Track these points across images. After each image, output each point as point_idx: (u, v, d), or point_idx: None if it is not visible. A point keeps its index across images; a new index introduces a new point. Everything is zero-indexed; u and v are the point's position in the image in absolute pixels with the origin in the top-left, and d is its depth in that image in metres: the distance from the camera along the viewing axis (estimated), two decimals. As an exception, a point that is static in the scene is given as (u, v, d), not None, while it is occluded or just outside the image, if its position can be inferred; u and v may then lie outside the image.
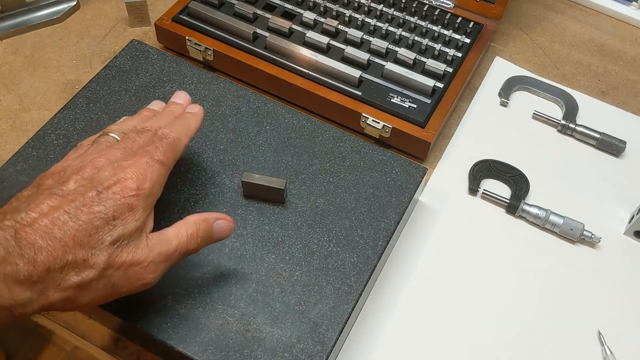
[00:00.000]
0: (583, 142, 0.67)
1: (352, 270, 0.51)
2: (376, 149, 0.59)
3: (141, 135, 0.44)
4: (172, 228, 0.43)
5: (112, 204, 0.39)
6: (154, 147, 0.43)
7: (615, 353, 0.52)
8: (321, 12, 0.71)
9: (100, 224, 0.38)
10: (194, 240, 0.43)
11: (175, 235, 0.43)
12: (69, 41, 0.73)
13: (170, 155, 0.44)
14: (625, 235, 0.61)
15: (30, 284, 0.36)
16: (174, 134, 0.45)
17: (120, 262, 0.39)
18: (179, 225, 0.43)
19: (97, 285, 0.38)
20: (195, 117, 0.49)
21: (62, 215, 0.37)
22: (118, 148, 0.43)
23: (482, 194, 0.62)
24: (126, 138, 0.44)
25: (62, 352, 0.50)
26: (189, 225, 0.44)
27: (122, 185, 0.40)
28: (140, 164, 0.41)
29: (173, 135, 0.45)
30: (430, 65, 0.66)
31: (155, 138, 0.44)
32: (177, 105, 0.50)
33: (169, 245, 0.42)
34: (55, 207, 0.37)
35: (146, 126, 0.46)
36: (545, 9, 0.82)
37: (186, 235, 0.43)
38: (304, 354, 0.47)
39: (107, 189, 0.39)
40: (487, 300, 0.55)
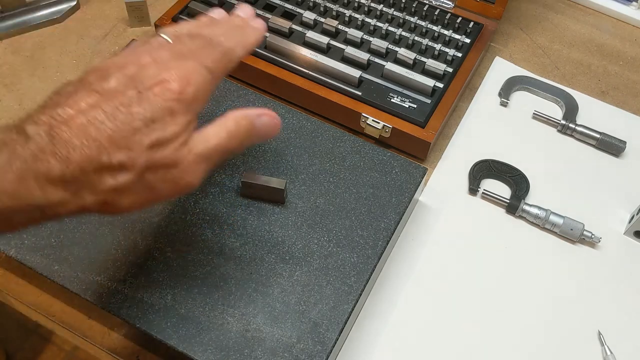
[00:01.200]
0: (583, 142, 0.67)
1: (352, 270, 0.51)
2: (376, 149, 0.59)
3: (194, 40, 0.42)
4: (212, 125, 0.41)
5: (151, 105, 0.36)
6: (205, 52, 0.40)
7: (615, 353, 0.52)
8: (321, 12, 0.71)
9: (139, 126, 0.36)
10: (235, 138, 0.41)
11: (215, 133, 0.40)
12: (69, 41, 0.73)
13: (221, 64, 0.41)
14: (625, 235, 0.61)
15: (64, 183, 0.34)
16: (229, 43, 0.42)
17: (158, 165, 0.37)
18: (218, 122, 0.41)
19: (135, 189, 0.37)
20: (255, 31, 0.46)
21: (100, 114, 0.35)
22: (167, 49, 0.40)
23: (482, 194, 0.62)
24: (178, 41, 0.41)
25: (62, 352, 0.49)
26: (229, 122, 0.41)
27: (164, 87, 0.37)
28: (186, 67, 0.39)
29: (227, 45, 0.42)
30: (430, 65, 0.66)
31: (209, 44, 0.41)
32: (238, 18, 0.47)
33: (208, 145, 0.39)
34: (93, 104, 0.35)
35: (202, 32, 0.43)
36: (545, 9, 0.81)
37: (226, 133, 0.40)
38: (304, 354, 0.47)
39: (148, 89, 0.37)
40: (487, 300, 0.55)
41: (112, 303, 0.48)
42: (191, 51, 0.40)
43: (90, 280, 0.49)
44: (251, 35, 0.46)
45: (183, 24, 0.45)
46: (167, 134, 0.37)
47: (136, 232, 0.52)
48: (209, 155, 0.39)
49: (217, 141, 0.40)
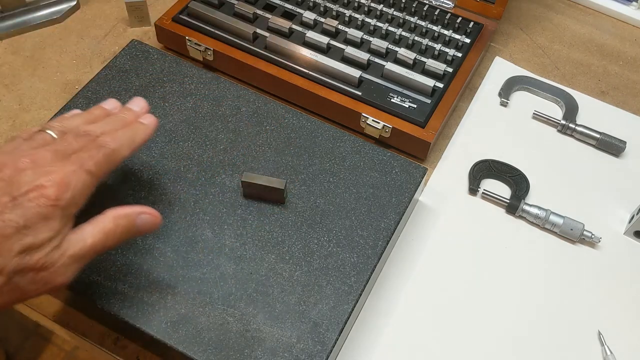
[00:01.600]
0: (583, 142, 0.67)
1: (352, 270, 0.51)
2: (376, 149, 0.59)
3: (79, 139, 0.42)
4: (89, 225, 0.41)
5: (25, 211, 0.37)
6: (87, 155, 0.41)
7: (615, 353, 0.52)
8: (321, 12, 0.71)
9: (10, 233, 0.36)
10: (111, 237, 0.41)
11: (91, 233, 0.40)
12: (69, 41, 0.73)
13: (103, 166, 0.41)
14: (625, 235, 0.61)
15: None
16: (115, 144, 0.43)
17: (28, 269, 0.37)
18: (96, 221, 0.41)
19: (2, 291, 0.37)
20: (145, 129, 0.46)
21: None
22: (49, 150, 0.40)
23: (482, 194, 0.62)
24: (63, 139, 0.42)
25: (62, 352, 0.50)
26: (107, 222, 0.41)
27: (40, 193, 0.37)
28: (65, 172, 0.39)
29: (112, 146, 0.42)
30: (430, 65, 0.66)
31: (93, 145, 0.42)
32: (129, 112, 0.48)
33: (83, 245, 0.40)
34: None
35: (88, 129, 0.43)
36: (545, 9, 0.82)
37: (103, 233, 0.41)
38: (304, 354, 0.47)
39: (23, 195, 0.37)
40: (487, 300, 0.55)
41: (112, 303, 0.48)
42: (74, 151, 0.41)
43: (90, 280, 0.49)
44: (139, 135, 0.46)
45: (73, 116, 0.46)
46: (39, 239, 0.37)
47: (136, 232, 0.52)
48: (82, 255, 0.40)
49: (93, 241, 0.40)
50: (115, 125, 0.45)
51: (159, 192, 0.55)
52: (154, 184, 0.55)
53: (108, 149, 0.42)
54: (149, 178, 0.55)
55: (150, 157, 0.57)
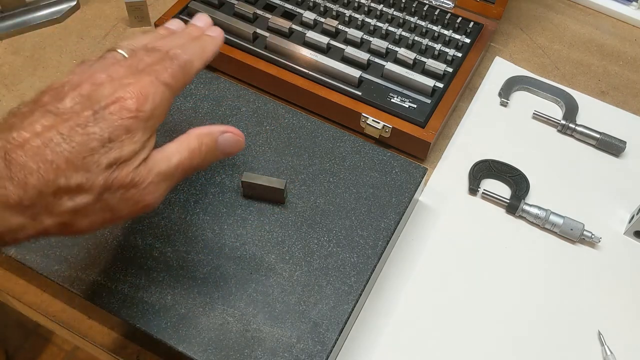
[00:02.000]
0: (583, 142, 0.67)
1: (352, 270, 0.51)
2: (376, 149, 0.59)
3: (150, 54, 0.41)
4: (174, 143, 0.40)
5: (108, 125, 0.36)
6: (162, 66, 0.40)
7: (615, 353, 0.52)
8: (321, 12, 0.71)
9: (96, 146, 0.35)
10: (197, 156, 0.41)
11: (177, 150, 0.40)
12: (69, 41, 0.73)
13: (179, 78, 0.40)
14: (625, 235, 0.61)
15: (22, 208, 0.34)
16: (187, 55, 0.42)
17: (117, 185, 0.36)
18: (180, 140, 0.41)
19: (94, 210, 0.36)
20: (214, 41, 0.46)
21: (55, 136, 0.35)
22: (123, 65, 0.40)
23: (482, 194, 0.62)
24: (134, 55, 0.41)
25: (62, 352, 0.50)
26: (191, 140, 0.41)
27: (120, 105, 0.36)
28: (142, 83, 0.38)
29: (185, 57, 0.41)
30: (430, 65, 0.66)
31: (166, 58, 0.41)
32: (196, 28, 0.47)
33: (169, 163, 0.39)
34: (48, 126, 0.35)
35: (158, 45, 0.42)
36: (545, 9, 0.82)
37: (188, 151, 0.40)
38: (304, 354, 0.47)
39: (104, 108, 0.36)
40: (487, 300, 0.55)
41: (112, 303, 0.48)
42: (147, 65, 0.40)
43: (90, 280, 0.49)
44: (209, 46, 0.45)
45: (140, 36, 0.45)
46: (125, 153, 0.36)
47: (136, 232, 0.52)
48: (170, 174, 0.39)
49: (179, 159, 0.40)
50: (183, 39, 0.44)
51: (159, 192, 0.55)
52: (154, 184, 0.55)
53: (181, 60, 0.41)
54: (149, 178, 0.55)
55: (150, 157, 0.57)
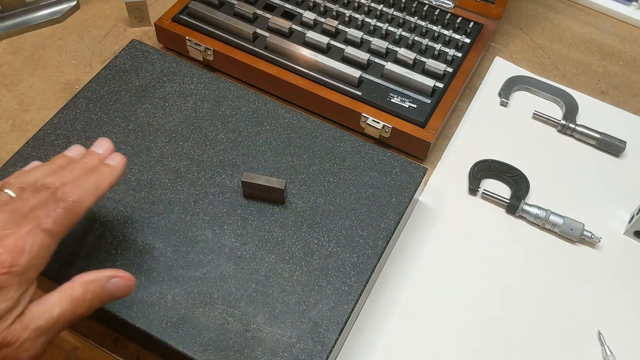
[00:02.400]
0: (583, 142, 0.67)
1: (352, 270, 0.51)
2: (376, 149, 0.59)
3: (37, 195, 0.39)
4: (56, 293, 0.38)
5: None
6: (45, 212, 0.38)
7: (615, 353, 0.52)
8: (321, 12, 0.71)
9: None
10: (81, 305, 0.38)
11: (58, 301, 0.37)
12: (69, 41, 0.73)
13: (62, 222, 0.38)
14: (625, 235, 0.61)
15: None
16: (76, 195, 0.40)
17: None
18: (63, 289, 0.38)
19: None
20: (111, 172, 0.44)
21: None
22: (5, 210, 0.38)
23: (482, 194, 0.62)
24: (20, 196, 0.39)
25: (62, 352, 0.49)
26: (75, 289, 0.38)
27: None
28: (19, 235, 0.36)
29: (73, 198, 0.39)
30: (430, 65, 0.66)
31: (51, 200, 0.39)
32: (94, 156, 0.45)
33: (49, 317, 0.37)
34: None
35: (47, 182, 0.40)
36: (545, 9, 0.82)
37: (70, 301, 0.38)
38: (304, 354, 0.47)
39: None
40: (487, 300, 0.55)
41: (112, 303, 0.48)
42: (32, 209, 0.38)
43: (90, 280, 0.49)
44: (105, 180, 0.43)
45: (33, 169, 0.43)
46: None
47: (136, 232, 0.52)
48: (49, 327, 0.37)
49: (60, 311, 0.37)
50: (77, 172, 0.42)
51: (159, 192, 0.55)
52: (154, 184, 0.55)
53: (68, 201, 0.39)
54: (149, 178, 0.55)
55: (150, 157, 0.57)
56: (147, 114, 0.60)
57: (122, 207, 0.53)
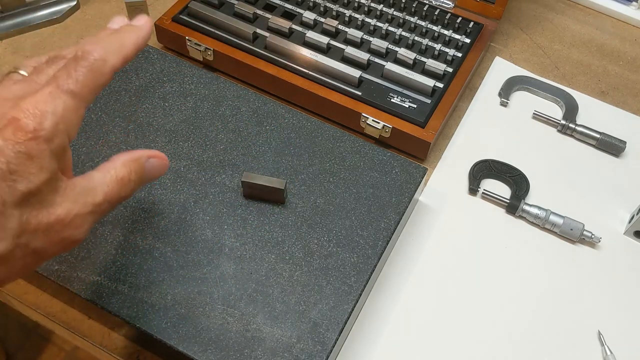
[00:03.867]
0: (583, 142, 0.67)
1: (352, 270, 0.51)
2: (376, 149, 0.59)
3: (53, 64, 0.36)
4: (98, 171, 0.35)
5: (4, 154, 0.30)
6: (65, 72, 0.33)
7: (615, 353, 0.52)
8: (321, 12, 0.71)
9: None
10: (126, 185, 0.36)
11: (103, 180, 0.35)
12: (69, 41, 0.73)
13: (87, 82, 0.33)
14: (625, 235, 0.61)
15: None
16: (97, 53, 0.34)
17: (35, 225, 0.31)
18: (106, 168, 0.36)
19: (15, 256, 0.31)
20: (136, 31, 0.38)
21: None
22: (21, 83, 0.34)
23: (482, 194, 0.62)
24: (35, 71, 0.36)
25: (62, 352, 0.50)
26: (119, 168, 0.36)
27: (14, 127, 0.30)
28: (39, 97, 0.32)
29: (95, 55, 0.34)
30: (430, 65, 0.66)
31: (71, 62, 0.34)
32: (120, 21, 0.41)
33: (95, 194, 0.34)
34: None
35: (65, 52, 0.37)
36: (545, 9, 0.82)
37: (116, 179, 0.35)
38: (304, 354, 0.47)
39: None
40: (486, 300, 0.55)
41: (112, 303, 0.48)
42: (49, 77, 0.34)
43: (90, 280, 0.49)
44: (129, 38, 0.37)
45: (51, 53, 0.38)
46: (34, 184, 0.31)
47: (136, 232, 0.52)
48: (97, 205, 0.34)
49: (106, 190, 0.35)
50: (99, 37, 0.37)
51: (159, 192, 0.55)
52: (154, 184, 0.55)
53: (90, 59, 0.34)
54: (149, 178, 0.55)
55: (150, 157, 0.57)
56: (147, 114, 0.60)
57: (122, 207, 0.53)
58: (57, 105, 0.32)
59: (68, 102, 0.33)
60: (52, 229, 0.32)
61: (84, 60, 0.34)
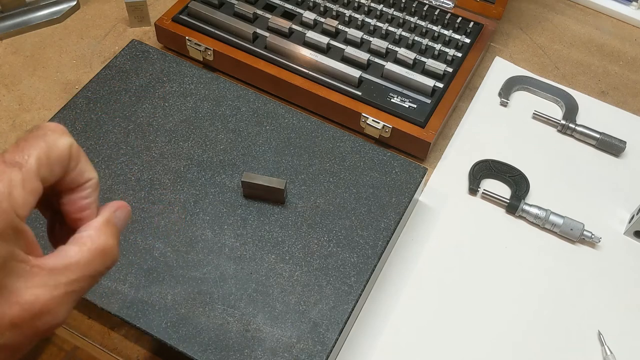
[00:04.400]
0: (583, 142, 0.67)
1: (352, 270, 0.51)
2: (376, 149, 0.59)
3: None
4: (73, 244, 0.30)
5: None
6: (13, 146, 0.29)
7: (615, 353, 0.52)
8: (321, 12, 0.71)
9: None
10: (108, 253, 0.31)
11: (79, 255, 0.30)
12: (69, 41, 0.73)
13: (40, 152, 0.29)
14: (625, 235, 0.61)
15: None
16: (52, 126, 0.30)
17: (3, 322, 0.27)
18: (80, 240, 0.31)
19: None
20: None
21: None
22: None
23: (482, 194, 0.62)
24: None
25: (62, 352, 0.49)
26: (94, 237, 0.31)
27: None
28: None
29: (51, 127, 0.30)
30: (430, 65, 0.66)
31: (22, 137, 0.30)
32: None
33: (70, 272, 0.29)
34: None
35: None
36: (545, 9, 0.81)
37: (95, 251, 0.30)
38: (304, 354, 0.47)
39: None
40: (486, 300, 0.55)
41: (112, 303, 0.48)
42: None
43: (90, 280, 0.49)
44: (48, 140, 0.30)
45: None
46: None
47: (136, 232, 0.52)
48: (73, 283, 0.29)
49: (84, 265, 0.30)
50: None
51: (159, 192, 0.55)
52: (154, 184, 0.55)
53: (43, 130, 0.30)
54: (149, 178, 0.55)
55: (150, 157, 0.57)
56: (147, 114, 0.60)
57: (122, 207, 0.53)
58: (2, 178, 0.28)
59: (13, 177, 0.28)
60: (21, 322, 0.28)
61: (38, 130, 0.30)
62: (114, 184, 0.55)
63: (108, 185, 0.55)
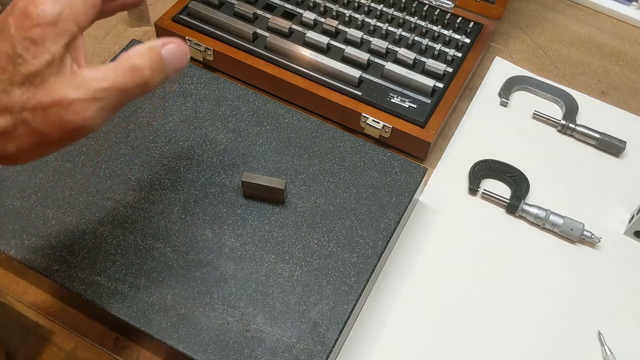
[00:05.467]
0: (583, 142, 0.67)
1: (352, 270, 0.51)
2: (376, 149, 0.59)
3: None
4: (114, 62, 0.36)
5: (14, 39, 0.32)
6: None
7: (615, 353, 0.52)
8: (321, 12, 0.71)
9: (4, 64, 0.33)
10: (140, 73, 0.35)
11: (113, 68, 0.35)
12: (69, 41, 0.73)
13: None
14: (625, 235, 0.61)
15: None
16: None
17: (35, 104, 0.33)
18: (120, 58, 0.36)
19: (18, 133, 0.33)
20: None
21: None
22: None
23: (482, 194, 0.62)
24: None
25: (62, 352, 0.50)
26: (133, 57, 0.35)
27: (24, 16, 0.33)
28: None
29: None
30: (430, 65, 0.66)
31: None
32: None
33: (103, 80, 0.34)
34: None
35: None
36: (545, 9, 0.82)
37: (128, 67, 0.35)
38: (304, 354, 0.47)
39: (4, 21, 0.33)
40: (486, 300, 0.55)
41: (112, 303, 0.48)
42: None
43: (90, 280, 0.49)
44: None
45: None
46: (36, 66, 0.33)
47: (136, 232, 0.52)
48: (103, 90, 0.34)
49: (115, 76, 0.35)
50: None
51: (159, 192, 0.55)
52: (154, 183, 0.55)
53: None
54: (149, 178, 0.55)
55: (150, 157, 0.57)
56: (147, 114, 0.60)
57: (122, 207, 0.53)
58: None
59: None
60: (51, 110, 0.33)
61: None
62: (114, 184, 0.55)
63: (108, 185, 0.55)
